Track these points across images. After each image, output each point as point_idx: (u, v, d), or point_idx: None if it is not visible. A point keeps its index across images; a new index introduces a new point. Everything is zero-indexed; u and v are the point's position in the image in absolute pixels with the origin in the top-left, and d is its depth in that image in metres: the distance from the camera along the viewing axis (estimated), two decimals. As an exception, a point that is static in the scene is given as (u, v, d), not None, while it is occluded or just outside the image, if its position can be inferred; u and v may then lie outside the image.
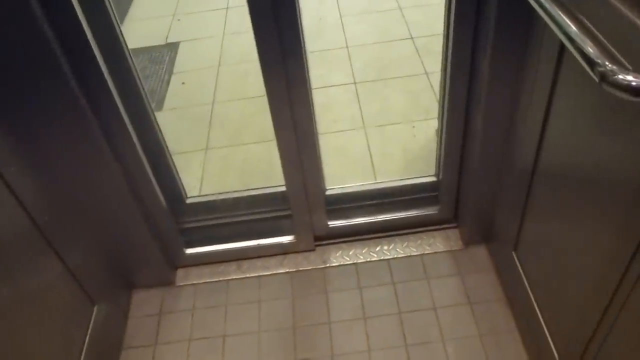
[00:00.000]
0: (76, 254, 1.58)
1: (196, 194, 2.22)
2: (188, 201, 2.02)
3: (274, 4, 1.39)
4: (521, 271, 1.62)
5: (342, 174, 2.27)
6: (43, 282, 1.44)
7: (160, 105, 2.80)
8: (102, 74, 1.41)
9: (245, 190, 2.05)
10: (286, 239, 2.00)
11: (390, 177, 2.19)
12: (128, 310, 1.92)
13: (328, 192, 2.00)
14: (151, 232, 1.80)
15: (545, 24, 1.01)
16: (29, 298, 1.36)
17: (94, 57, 1.38)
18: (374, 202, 2.05)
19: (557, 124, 1.24)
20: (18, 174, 1.34)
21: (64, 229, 1.54)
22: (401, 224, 2.03)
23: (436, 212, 2.01)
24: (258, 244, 2.00)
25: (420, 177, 2.04)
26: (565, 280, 1.33)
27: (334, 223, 2.01)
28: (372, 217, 2.02)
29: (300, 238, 1.99)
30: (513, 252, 1.66)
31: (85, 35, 1.33)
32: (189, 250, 1.99)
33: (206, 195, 2.08)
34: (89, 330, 1.62)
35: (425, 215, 2.02)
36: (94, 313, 1.66)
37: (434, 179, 2.01)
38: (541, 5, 1.01)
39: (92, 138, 1.47)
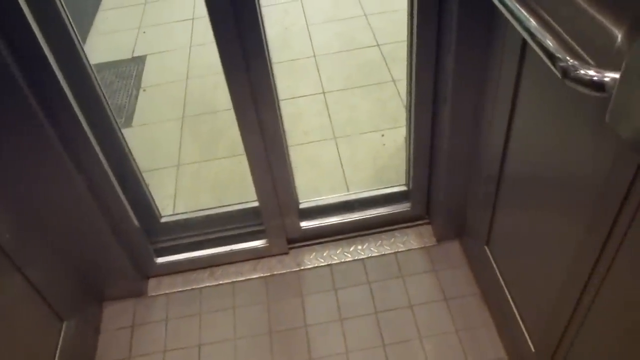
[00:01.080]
0: (41, 270, 1.53)
1: (170, 212, 2.19)
2: (162, 220, 1.99)
3: (236, 11, 1.36)
4: (494, 265, 1.62)
5: (314, 186, 2.25)
6: (7, 301, 1.39)
7: (129, 120, 2.74)
8: (61, 88, 1.37)
9: (218, 207, 2.03)
10: (259, 243, 1.98)
11: (361, 187, 2.18)
12: (99, 324, 1.87)
13: (302, 206, 1.99)
14: (120, 243, 1.76)
15: (507, 21, 1.00)
16: (-8, 319, 1.31)
17: (53, 72, 1.34)
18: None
19: (523, 120, 1.24)
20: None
21: (27, 245, 1.50)
22: (374, 223, 2.02)
23: (408, 209, 2.00)
24: (231, 250, 1.97)
25: (392, 186, 2.04)
26: (538, 273, 1.33)
27: (306, 225, 1.99)
28: (345, 217, 2.01)
29: (273, 242, 1.96)
30: (485, 247, 1.67)
31: (42, 50, 1.29)
32: (160, 260, 1.95)
33: (178, 214, 2.05)
34: (58, 348, 1.57)
35: (398, 212, 2.01)
36: (63, 329, 1.62)
37: (404, 188, 2.01)
38: (502, 2, 1.00)
39: (52, 153, 1.43)
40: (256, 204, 1.88)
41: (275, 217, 1.89)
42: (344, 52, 3.02)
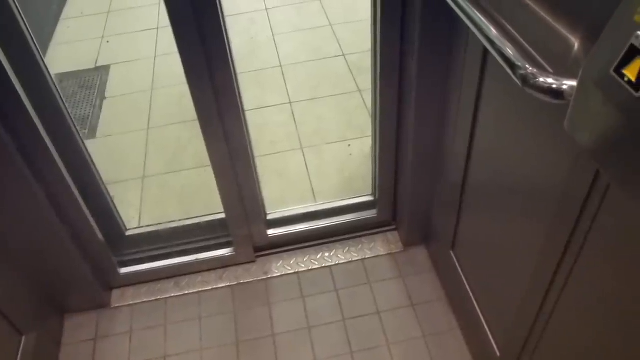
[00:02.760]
0: (-1, 283, 1.49)
1: (136, 224, 2.15)
2: (127, 233, 1.97)
3: (198, 21, 1.35)
4: (460, 270, 1.64)
5: (281, 196, 2.24)
6: (-38, 316, 1.35)
7: (93, 132, 2.68)
8: (19, 97, 1.34)
9: (185, 219, 2.01)
10: (225, 252, 1.96)
11: (329, 197, 2.18)
12: (60, 337, 1.82)
13: (269, 217, 1.99)
14: (81, 254, 1.72)
15: (469, 28, 1.02)
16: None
17: (10, 81, 1.31)
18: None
19: (485, 127, 1.26)
20: None
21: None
22: (341, 229, 2.02)
23: (375, 215, 2.01)
24: (196, 259, 1.95)
25: (358, 196, 2.06)
26: (501, 278, 1.35)
27: (273, 233, 1.98)
28: (312, 224, 2.00)
29: (239, 251, 1.95)
30: (451, 252, 1.68)
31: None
32: (124, 270, 1.92)
33: (143, 226, 2.03)
34: (18, 363, 1.53)
35: (364, 219, 2.01)
36: (22, 344, 1.57)
37: (371, 198, 2.03)
38: (462, 10, 1.02)
39: (10, 162, 1.39)
40: (223, 215, 1.86)
41: (242, 226, 1.87)
42: (310, 62, 3.02)
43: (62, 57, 3.29)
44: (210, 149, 1.64)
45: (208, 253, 1.95)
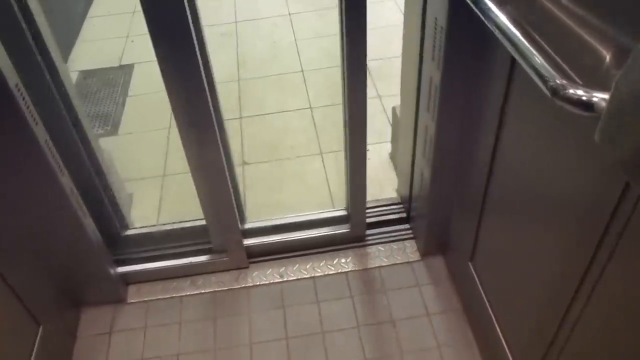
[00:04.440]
0: (19, 272, 1.51)
1: (154, 221, 2.17)
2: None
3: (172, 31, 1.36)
4: (478, 282, 1.63)
5: (300, 200, 2.25)
6: (-17, 304, 1.37)
7: (115, 129, 2.72)
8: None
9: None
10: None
11: (346, 202, 2.18)
12: (76, 329, 1.84)
13: (247, 226, 2.00)
14: (101, 249, 1.74)
15: (496, 39, 1.02)
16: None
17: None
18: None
19: (510, 136, 1.26)
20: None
21: (5, 246, 1.47)
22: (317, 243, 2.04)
23: (347, 230, 2.01)
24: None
25: (334, 210, 2.06)
26: (522, 291, 1.34)
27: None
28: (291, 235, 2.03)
29: (232, 255, 1.95)
30: (469, 263, 1.67)
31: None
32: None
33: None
34: (34, 352, 1.54)
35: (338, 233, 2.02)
36: (39, 333, 1.58)
37: (345, 212, 2.02)
38: (492, 20, 1.02)
39: (37, 153, 1.41)
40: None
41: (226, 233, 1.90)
42: (331, 68, 3.04)
43: (87, 54, 3.34)
44: (188, 157, 1.67)
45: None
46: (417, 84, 1.64)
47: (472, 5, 1.09)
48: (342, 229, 2.01)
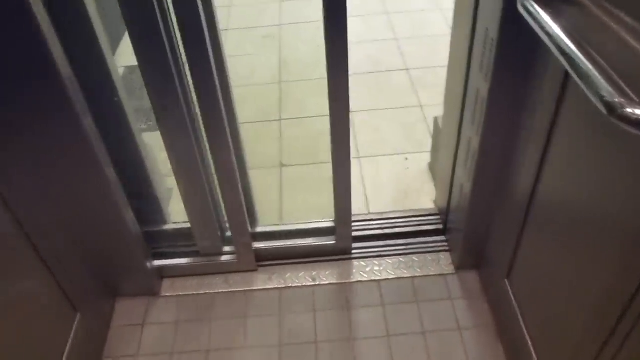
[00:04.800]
0: (60, 259, 1.54)
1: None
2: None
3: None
4: (513, 299, 1.60)
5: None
6: (26, 287, 1.40)
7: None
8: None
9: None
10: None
11: (381, 208, 2.20)
12: (111, 319, 1.87)
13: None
14: (139, 241, 1.77)
15: (549, 52, 1.00)
16: (12, 302, 1.32)
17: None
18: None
19: (558, 154, 1.23)
20: (5, 176, 1.31)
21: (49, 234, 1.51)
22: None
23: (333, 242, 2.01)
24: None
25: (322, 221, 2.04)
26: (561, 313, 1.31)
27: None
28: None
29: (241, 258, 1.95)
30: (506, 280, 1.64)
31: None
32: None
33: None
34: (70, 338, 1.58)
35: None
36: (76, 320, 1.62)
37: (332, 224, 2.01)
38: (546, 33, 1.00)
39: (84, 144, 1.44)
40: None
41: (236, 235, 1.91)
42: (373, 73, 3.03)
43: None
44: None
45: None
46: (462, 95, 1.62)
47: (526, 16, 1.08)
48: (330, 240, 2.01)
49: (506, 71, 1.36)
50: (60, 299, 1.55)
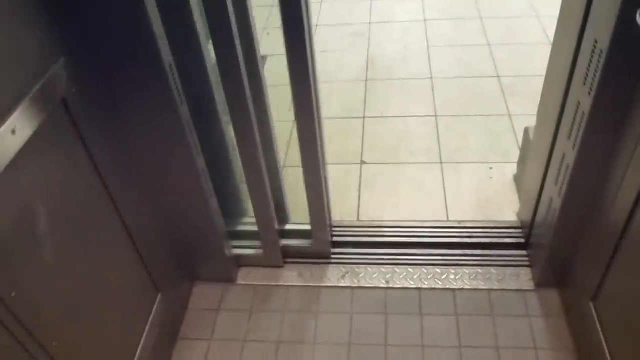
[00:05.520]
0: (148, 241, 1.61)
1: None
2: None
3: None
4: (598, 324, 1.53)
5: (413, 207, 2.23)
6: (116, 264, 1.47)
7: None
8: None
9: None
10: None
11: (461, 217, 2.15)
12: (188, 301, 1.94)
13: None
14: (221, 228, 1.82)
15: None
16: (102, 279, 1.39)
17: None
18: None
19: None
20: (106, 157, 1.37)
21: (140, 215, 1.57)
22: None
23: (309, 245, 2.00)
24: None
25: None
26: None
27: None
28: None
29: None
30: (591, 303, 1.57)
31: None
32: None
33: None
34: (151, 316, 1.64)
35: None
36: (158, 300, 1.69)
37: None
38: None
39: (179, 130, 1.49)
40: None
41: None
42: (462, 78, 2.97)
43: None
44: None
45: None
46: (560, 108, 1.55)
47: (644, 32, 1.02)
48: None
49: (612, 86, 1.29)
50: (145, 278, 1.62)
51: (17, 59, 1.06)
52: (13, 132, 1.02)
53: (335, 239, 2.08)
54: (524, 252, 2.00)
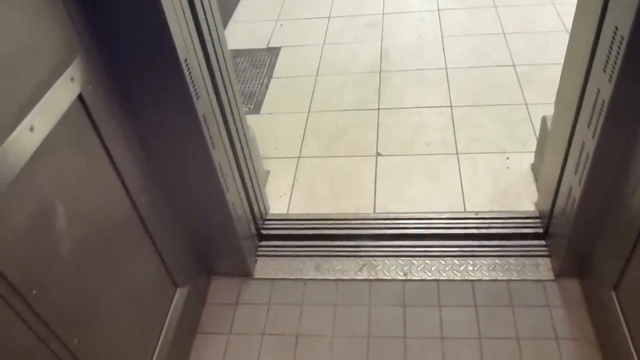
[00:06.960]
0: (165, 237, 1.61)
1: (286, 200, 2.27)
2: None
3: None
4: (620, 313, 1.51)
5: (429, 198, 2.22)
6: (135, 259, 1.48)
7: (258, 108, 2.83)
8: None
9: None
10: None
11: (478, 208, 2.14)
12: (206, 296, 1.95)
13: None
14: (237, 222, 1.82)
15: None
16: (121, 275, 1.40)
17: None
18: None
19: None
20: (124, 153, 1.37)
21: (157, 211, 1.58)
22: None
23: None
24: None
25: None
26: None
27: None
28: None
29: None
30: (612, 292, 1.55)
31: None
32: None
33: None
34: (170, 311, 1.66)
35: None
36: (176, 295, 1.70)
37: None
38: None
39: (195, 125, 1.49)
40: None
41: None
42: (477, 68, 2.94)
43: (238, 34, 3.49)
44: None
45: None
46: (579, 96, 1.53)
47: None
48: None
49: (634, 73, 1.27)
50: (163, 273, 1.63)
51: (34, 57, 1.07)
52: (31, 129, 1.03)
53: (352, 231, 2.07)
54: (542, 242, 1.98)
